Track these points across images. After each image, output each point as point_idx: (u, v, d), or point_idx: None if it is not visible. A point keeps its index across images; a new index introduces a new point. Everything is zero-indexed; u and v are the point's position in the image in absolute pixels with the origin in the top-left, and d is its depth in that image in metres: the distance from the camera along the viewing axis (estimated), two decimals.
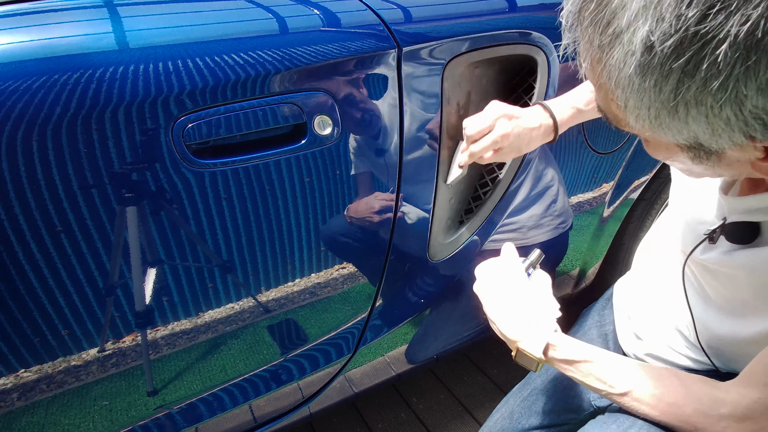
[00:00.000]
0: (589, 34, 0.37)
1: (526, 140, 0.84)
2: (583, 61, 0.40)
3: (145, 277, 0.73)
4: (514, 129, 0.82)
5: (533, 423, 0.90)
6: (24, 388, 0.70)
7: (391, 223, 0.91)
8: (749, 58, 0.31)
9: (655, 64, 0.34)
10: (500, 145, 0.83)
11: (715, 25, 0.30)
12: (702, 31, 0.31)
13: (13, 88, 0.58)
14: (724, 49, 0.31)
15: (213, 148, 0.72)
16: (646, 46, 0.33)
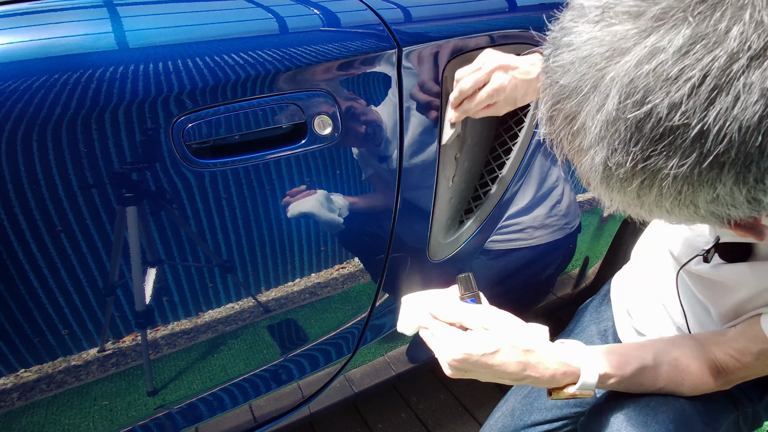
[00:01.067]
0: (560, 138, 0.40)
1: (522, 92, 0.80)
2: (558, 153, 0.43)
3: (145, 277, 0.73)
4: (511, 81, 0.78)
5: (536, 419, 0.90)
6: (24, 388, 0.70)
7: (391, 223, 0.91)
8: (693, 185, 0.34)
9: (615, 182, 0.37)
10: (495, 99, 0.79)
11: (658, 164, 0.34)
12: (648, 166, 0.34)
13: (13, 88, 0.58)
14: (668, 182, 0.34)
15: (213, 148, 0.72)
16: (605, 167, 0.37)
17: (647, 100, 0.32)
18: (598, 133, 0.35)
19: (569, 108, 0.37)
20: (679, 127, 0.32)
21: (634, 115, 0.33)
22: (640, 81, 0.32)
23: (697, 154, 0.32)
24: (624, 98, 0.33)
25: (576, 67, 0.35)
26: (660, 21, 0.31)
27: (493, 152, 1.06)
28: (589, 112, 0.35)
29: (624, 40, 0.32)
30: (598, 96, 0.34)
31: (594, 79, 0.34)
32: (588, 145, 0.37)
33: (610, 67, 0.33)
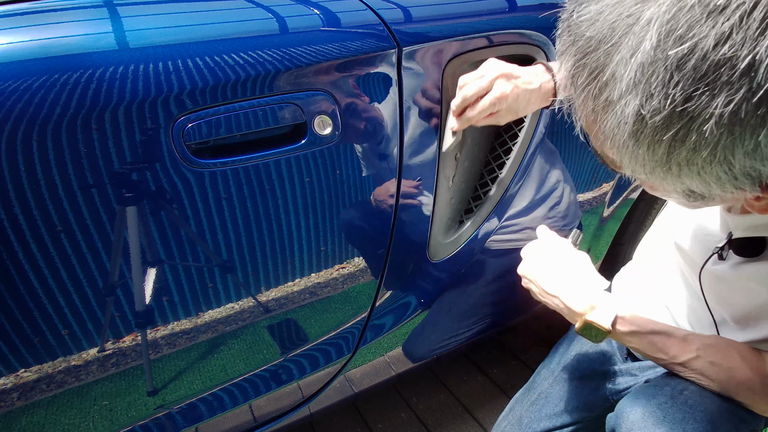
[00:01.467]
0: (582, 97, 0.38)
1: (524, 102, 0.80)
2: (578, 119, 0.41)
3: (145, 277, 0.73)
4: (513, 90, 0.78)
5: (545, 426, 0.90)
6: (24, 388, 0.70)
7: (391, 223, 0.91)
8: (734, 132, 0.32)
9: (647, 133, 0.35)
10: (498, 108, 0.79)
11: (700, 105, 0.32)
12: (689, 109, 0.32)
13: (13, 88, 0.58)
14: (710, 126, 0.32)
15: (213, 148, 0.72)
16: (638, 117, 0.34)
17: (692, 34, 0.30)
18: (633, 78, 0.33)
19: (596, 60, 0.35)
20: (726, 61, 0.30)
21: (676, 52, 0.31)
22: (683, 14, 0.30)
23: (745, 90, 0.30)
24: (665, 35, 0.31)
25: (606, 15, 0.33)
26: None
27: (493, 152, 1.06)
28: (621, 59, 0.34)
29: None
30: (633, 39, 0.33)
31: (626, 24, 0.33)
32: (618, 95, 0.35)
33: (646, 7, 0.32)
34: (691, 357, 0.70)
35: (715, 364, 0.69)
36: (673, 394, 0.71)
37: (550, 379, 0.96)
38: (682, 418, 0.67)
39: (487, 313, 1.17)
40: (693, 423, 0.67)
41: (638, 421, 0.69)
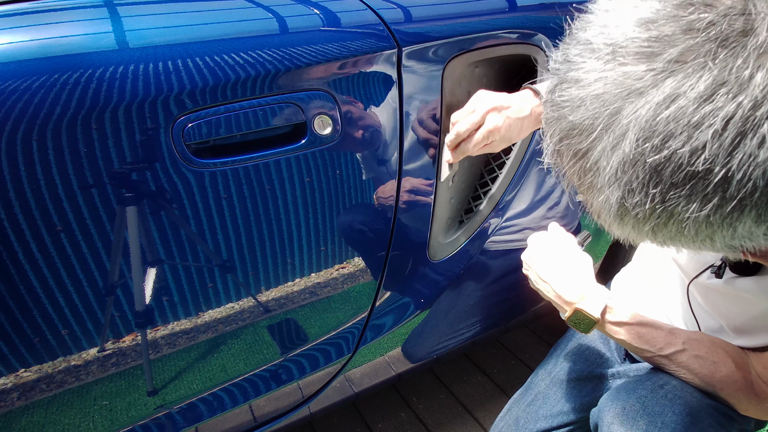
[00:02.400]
0: (569, 172, 0.39)
1: (516, 130, 0.82)
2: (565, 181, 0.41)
3: (145, 277, 0.73)
4: (505, 122, 0.80)
5: (542, 426, 0.90)
6: (24, 388, 0.70)
7: (391, 223, 0.91)
8: (712, 227, 0.33)
9: (630, 218, 0.36)
10: (491, 139, 0.81)
11: (678, 206, 0.33)
12: (668, 207, 0.33)
13: (13, 88, 0.58)
14: (688, 223, 0.34)
15: (213, 148, 0.72)
16: (621, 205, 0.36)
17: (667, 145, 0.31)
18: (614, 174, 0.34)
19: (580, 145, 0.36)
20: (701, 173, 0.31)
21: (654, 159, 0.32)
22: (659, 126, 0.31)
23: (719, 198, 0.31)
24: (642, 141, 0.32)
25: (587, 105, 0.34)
26: (678, 64, 0.30)
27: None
28: (602, 152, 0.34)
29: (638, 81, 0.31)
30: (613, 136, 0.33)
31: (607, 119, 0.33)
32: (601, 183, 0.36)
33: (625, 107, 0.32)
34: (676, 350, 0.71)
35: (700, 358, 0.70)
36: (653, 388, 0.72)
37: (547, 380, 0.96)
38: (661, 411, 0.68)
39: (486, 313, 1.17)
40: (672, 415, 0.67)
41: (619, 415, 0.70)
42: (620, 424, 0.69)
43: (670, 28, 0.31)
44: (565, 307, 0.75)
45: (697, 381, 0.71)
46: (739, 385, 0.68)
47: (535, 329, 1.72)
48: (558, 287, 0.76)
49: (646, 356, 0.73)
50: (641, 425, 0.68)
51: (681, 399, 0.69)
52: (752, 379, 0.68)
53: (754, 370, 0.68)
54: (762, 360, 0.67)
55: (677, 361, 0.71)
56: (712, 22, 0.29)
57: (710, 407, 0.70)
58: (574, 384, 0.93)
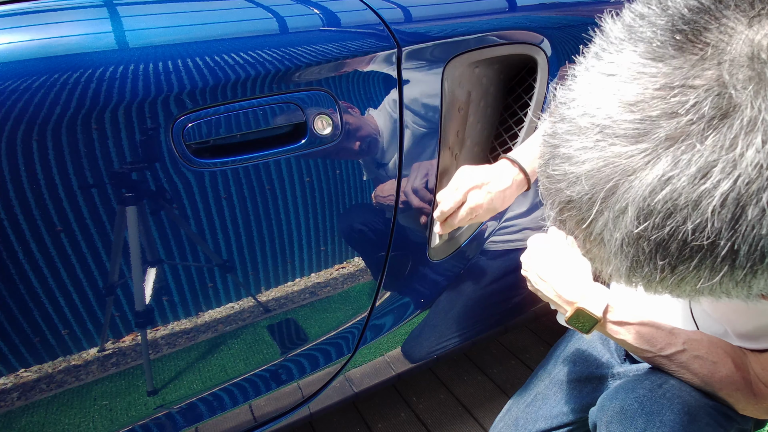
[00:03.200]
0: (576, 236, 0.39)
1: (500, 202, 0.87)
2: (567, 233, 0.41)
3: (145, 277, 0.73)
4: (486, 197, 0.85)
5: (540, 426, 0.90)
6: (24, 387, 0.70)
7: (391, 223, 0.91)
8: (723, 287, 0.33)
9: (641, 281, 0.36)
10: (475, 214, 0.86)
11: (687, 272, 0.33)
12: (678, 272, 0.33)
13: (13, 88, 0.58)
14: (700, 287, 0.33)
15: (213, 148, 0.72)
16: (630, 272, 0.36)
17: (668, 222, 0.31)
18: (619, 248, 0.34)
19: (582, 216, 0.35)
20: (706, 246, 0.31)
21: (657, 236, 0.32)
22: (657, 205, 0.31)
23: (728, 267, 0.31)
24: (642, 219, 0.32)
25: (582, 182, 0.34)
26: (668, 143, 0.30)
27: (493, 152, 1.06)
28: (605, 226, 0.34)
29: (630, 160, 0.31)
30: (612, 213, 0.33)
31: (604, 195, 0.33)
32: (608, 254, 0.36)
33: (621, 186, 0.32)
34: (677, 350, 0.71)
35: (700, 358, 0.70)
36: (652, 387, 0.72)
37: (546, 380, 0.96)
38: (660, 410, 0.68)
39: (486, 313, 1.17)
40: (670, 414, 0.67)
41: (617, 414, 0.70)
42: (618, 423, 0.69)
43: (655, 111, 0.30)
44: (566, 307, 0.75)
45: (696, 381, 0.71)
46: (738, 385, 0.68)
47: (535, 329, 1.72)
48: (559, 287, 0.76)
49: (646, 356, 0.73)
50: (639, 424, 0.68)
51: (679, 398, 0.69)
52: (751, 379, 0.68)
53: (752, 370, 0.68)
54: (761, 361, 0.67)
55: (677, 361, 0.71)
56: (695, 104, 0.29)
57: (709, 406, 0.70)
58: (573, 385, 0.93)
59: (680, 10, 0.31)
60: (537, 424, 0.91)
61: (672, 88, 0.30)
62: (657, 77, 0.31)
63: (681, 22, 0.31)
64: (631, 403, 0.70)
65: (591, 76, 0.34)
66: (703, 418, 0.68)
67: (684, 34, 0.31)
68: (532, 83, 0.99)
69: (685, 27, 0.31)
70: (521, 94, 1.02)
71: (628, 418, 0.69)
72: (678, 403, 0.69)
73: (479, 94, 0.96)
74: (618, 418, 0.70)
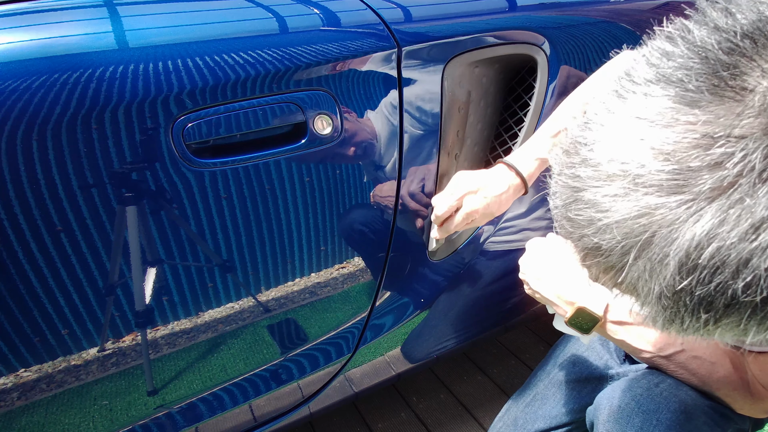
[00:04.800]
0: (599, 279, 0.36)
1: (496, 207, 0.86)
2: None
3: (145, 277, 0.73)
4: (482, 202, 0.84)
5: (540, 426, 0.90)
6: (24, 387, 0.70)
7: (391, 223, 0.91)
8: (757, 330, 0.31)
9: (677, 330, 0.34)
10: (471, 219, 0.86)
11: (734, 326, 0.31)
12: (722, 327, 0.31)
13: (13, 88, 0.58)
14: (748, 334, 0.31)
15: (213, 148, 0.72)
16: (668, 323, 0.33)
17: (716, 279, 0.29)
18: (657, 300, 0.32)
19: (612, 263, 0.33)
20: (758, 302, 0.29)
21: (702, 291, 0.30)
22: (703, 260, 0.29)
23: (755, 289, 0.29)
24: (686, 274, 0.29)
25: (613, 231, 0.31)
26: (712, 197, 0.28)
27: (493, 152, 1.06)
28: (639, 278, 0.32)
29: (670, 212, 0.29)
30: (650, 264, 0.31)
31: (640, 246, 0.30)
32: (643, 303, 0.33)
33: (658, 238, 0.30)
34: (676, 350, 0.71)
35: (698, 358, 0.70)
36: (648, 386, 0.72)
37: (546, 380, 0.96)
38: (656, 408, 0.68)
39: (486, 313, 1.17)
40: (667, 413, 0.67)
41: (614, 413, 0.70)
42: (615, 422, 0.69)
43: (695, 163, 0.28)
44: (566, 307, 0.75)
45: (694, 381, 0.71)
46: (736, 385, 0.68)
47: (535, 329, 1.72)
48: (559, 287, 0.76)
49: (645, 357, 0.73)
50: (636, 423, 0.68)
51: (676, 397, 0.69)
52: (748, 379, 0.68)
53: (750, 371, 0.68)
54: (758, 361, 0.67)
55: (676, 361, 0.71)
56: (744, 156, 0.27)
57: (705, 406, 0.70)
58: (572, 385, 0.93)
59: (715, 54, 0.29)
60: (536, 424, 0.91)
61: (714, 138, 0.28)
62: (695, 125, 0.28)
63: (719, 66, 0.28)
64: (627, 402, 0.70)
65: (617, 119, 0.32)
66: (699, 417, 0.68)
67: (722, 79, 0.28)
68: (532, 83, 0.99)
69: (724, 72, 0.28)
70: (521, 94, 1.02)
71: (625, 416, 0.69)
72: (674, 402, 0.69)
73: (479, 94, 0.96)
74: (615, 416, 0.70)
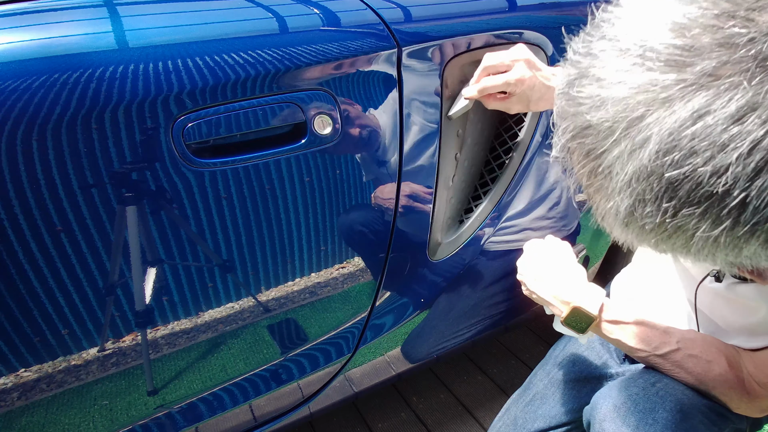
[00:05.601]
0: (578, 171, 0.38)
1: (537, 95, 0.81)
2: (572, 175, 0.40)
3: (145, 277, 0.73)
4: (531, 78, 0.80)
5: (539, 426, 0.90)
6: (24, 387, 0.70)
7: (391, 223, 0.91)
8: (717, 247, 0.33)
9: (636, 227, 0.35)
10: (512, 88, 0.80)
11: (688, 222, 0.32)
12: (677, 222, 0.33)
13: (13, 88, 0.58)
14: (696, 240, 0.33)
15: (213, 148, 0.72)
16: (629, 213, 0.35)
17: (688, 161, 0.30)
18: (627, 182, 0.33)
19: (594, 146, 0.34)
20: (718, 194, 0.30)
21: (672, 175, 0.31)
22: (682, 141, 0.30)
23: (732, 221, 0.31)
24: (662, 154, 0.31)
25: (608, 107, 0.32)
26: (710, 78, 0.29)
27: (493, 152, 1.06)
28: (618, 157, 0.33)
29: (666, 90, 0.30)
30: (631, 143, 0.32)
31: (628, 125, 0.32)
32: (612, 189, 0.35)
33: (648, 116, 0.31)
34: (671, 349, 0.71)
35: (694, 357, 0.70)
36: (645, 385, 0.72)
37: (545, 380, 0.96)
38: (653, 407, 0.69)
39: (486, 313, 1.17)
40: (663, 412, 0.68)
41: (610, 412, 0.71)
42: (612, 421, 0.70)
43: (707, 39, 0.29)
44: (562, 307, 0.75)
45: (691, 380, 0.71)
46: (732, 383, 0.68)
47: (535, 329, 1.72)
48: (555, 288, 0.76)
49: (641, 356, 0.73)
50: (632, 422, 0.68)
51: (672, 396, 0.69)
52: (744, 378, 0.68)
53: (746, 369, 0.68)
54: (754, 360, 0.68)
55: (672, 360, 0.71)
56: (752, 39, 0.28)
57: (702, 405, 0.70)
58: (572, 385, 0.93)
59: None
60: (536, 423, 0.91)
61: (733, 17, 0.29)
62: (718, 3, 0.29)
63: None
64: (624, 401, 0.71)
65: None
66: (696, 416, 0.68)
67: None
68: None
69: None
70: None
71: (621, 416, 0.69)
72: (671, 401, 0.69)
73: None
74: (611, 416, 0.70)
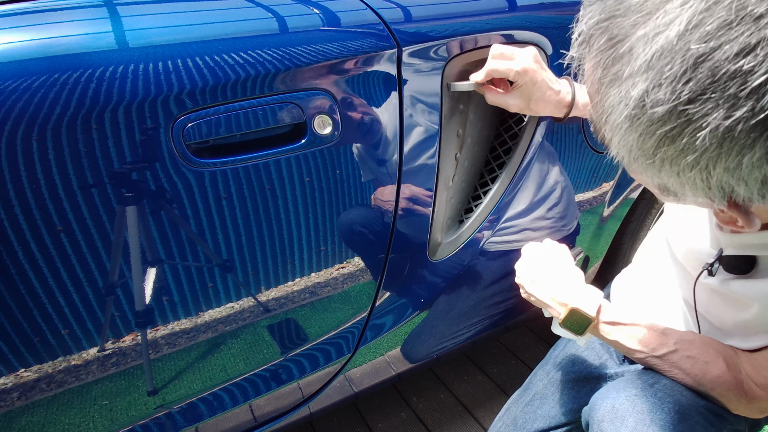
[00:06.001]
0: (594, 62, 0.37)
1: (539, 93, 0.82)
2: (583, 81, 0.41)
3: (145, 277, 0.73)
4: (538, 73, 0.80)
5: (539, 426, 0.90)
6: (24, 387, 0.70)
7: (391, 223, 0.91)
8: (722, 146, 0.32)
9: (643, 120, 0.35)
10: (516, 78, 0.80)
11: (702, 111, 0.31)
12: (690, 111, 0.32)
13: (13, 88, 0.58)
14: (704, 134, 0.32)
15: (213, 148, 0.72)
16: (639, 102, 0.34)
17: (719, 34, 0.29)
18: (648, 62, 0.32)
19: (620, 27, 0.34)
20: (741, 74, 0.29)
21: (697, 48, 0.30)
22: (717, 11, 0.29)
23: (748, 109, 0.30)
24: (693, 27, 0.30)
25: None
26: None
27: (493, 152, 1.06)
28: (643, 36, 0.32)
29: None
30: (662, 18, 0.31)
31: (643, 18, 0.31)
32: (629, 72, 0.34)
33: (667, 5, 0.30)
34: (669, 350, 0.71)
35: (691, 358, 0.70)
36: (643, 386, 0.72)
37: (545, 380, 0.96)
38: (650, 408, 0.68)
39: (486, 313, 1.17)
40: (661, 413, 0.68)
41: (608, 413, 0.71)
42: (610, 422, 0.70)
43: None
44: (559, 309, 0.75)
45: (689, 381, 0.71)
46: (730, 385, 0.68)
47: (535, 329, 1.72)
48: (553, 289, 0.77)
49: (639, 357, 0.73)
50: (630, 423, 0.68)
51: (671, 397, 0.70)
52: (742, 379, 0.68)
53: (743, 370, 0.68)
54: (752, 361, 0.67)
55: (670, 361, 0.71)
56: None
57: (700, 406, 0.70)
58: (572, 385, 0.93)
59: None
60: (535, 423, 0.91)
61: None
62: None
63: None
64: (622, 401, 0.71)
65: None
66: (694, 417, 0.68)
67: None
68: None
69: None
70: None
71: (619, 416, 0.69)
72: (669, 402, 0.69)
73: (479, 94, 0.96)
74: (609, 416, 0.70)
